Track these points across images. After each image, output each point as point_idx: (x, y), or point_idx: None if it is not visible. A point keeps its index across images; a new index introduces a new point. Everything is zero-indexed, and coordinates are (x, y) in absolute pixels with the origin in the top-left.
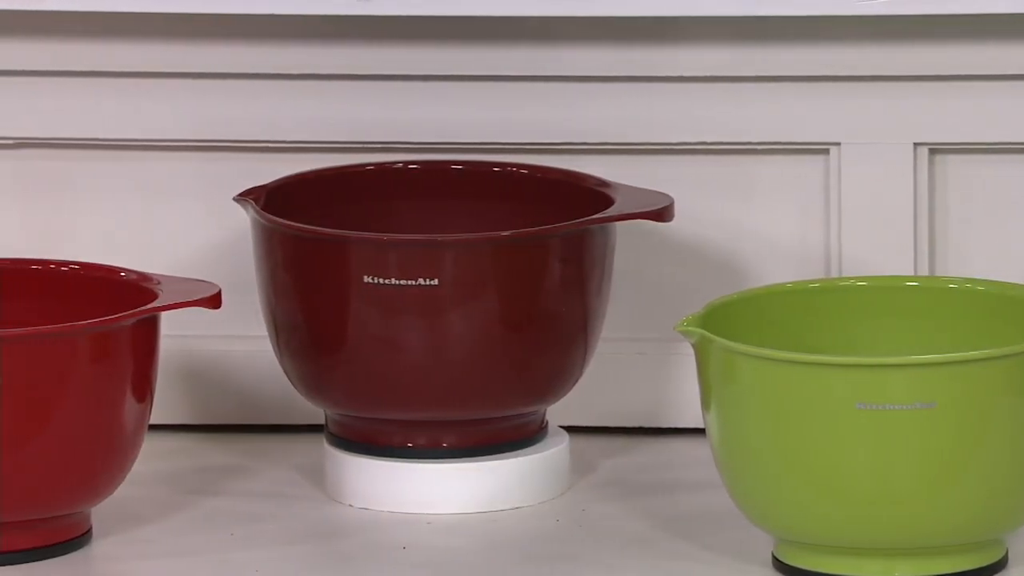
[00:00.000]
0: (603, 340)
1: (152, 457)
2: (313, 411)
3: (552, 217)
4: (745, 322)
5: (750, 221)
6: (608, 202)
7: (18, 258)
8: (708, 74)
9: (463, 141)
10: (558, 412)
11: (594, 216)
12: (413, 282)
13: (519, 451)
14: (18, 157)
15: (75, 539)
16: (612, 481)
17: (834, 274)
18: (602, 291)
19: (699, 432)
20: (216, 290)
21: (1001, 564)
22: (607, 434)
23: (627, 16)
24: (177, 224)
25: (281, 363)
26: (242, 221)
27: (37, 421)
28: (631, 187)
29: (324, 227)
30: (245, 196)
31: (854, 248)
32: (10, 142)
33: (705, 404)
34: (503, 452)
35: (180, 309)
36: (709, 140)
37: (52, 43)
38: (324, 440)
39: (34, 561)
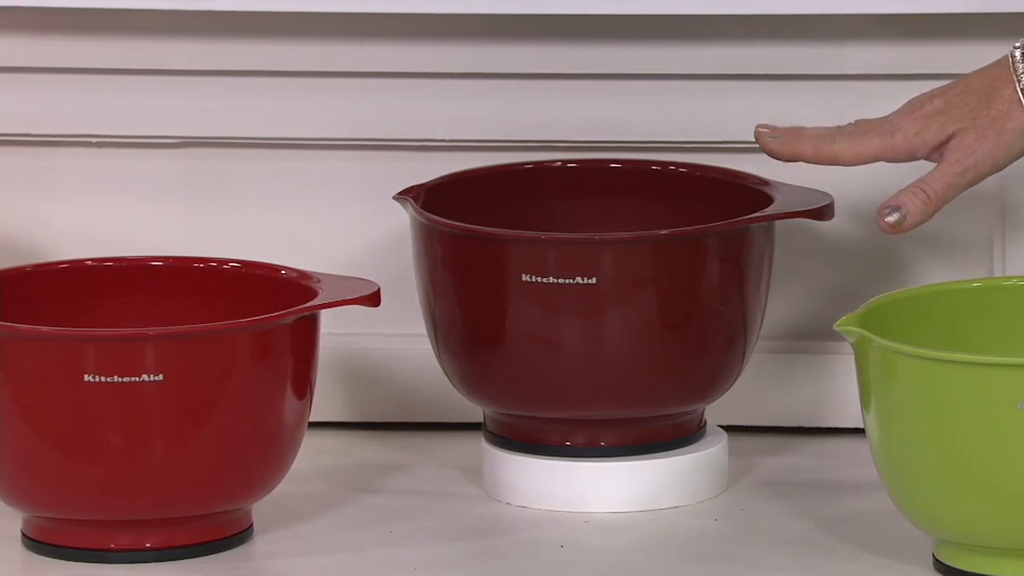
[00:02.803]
0: (762, 339)
1: (312, 454)
2: (472, 409)
3: (711, 216)
4: (905, 321)
5: None
6: (768, 201)
7: (181, 256)
8: (871, 72)
9: (622, 139)
10: (717, 411)
11: (754, 215)
12: (571, 281)
13: (677, 450)
14: (182, 156)
15: (236, 535)
16: (771, 481)
17: (997, 273)
18: (761, 290)
19: (859, 432)
20: (375, 288)
21: None
22: (766, 433)
23: (789, 14)
24: (337, 222)
25: (440, 361)
26: (402, 220)
27: (199, 418)
28: (791, 185)
29: (483, 226)
30: (405, 195)
31: (1018, 246)
32: (174, 141)
33: (864, 404)
34: (661, 451)
35: (340, 307)
36: None
37: (216, 43)
38: (483, 438)
39: (196, 557)
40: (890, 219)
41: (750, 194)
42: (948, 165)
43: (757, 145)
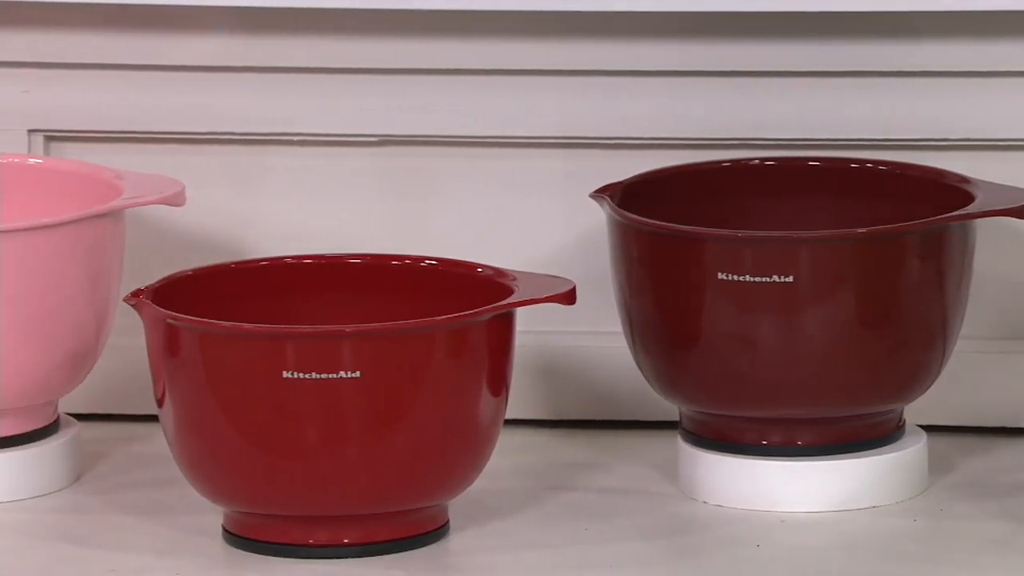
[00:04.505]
0: (963, 338)
1: (507, 452)
2: (668, 407)
3: (911, 214)
4: None
5: None
6: (969, 199)
7: (379, 253)
8: None
9: (821, 137)
10: (916, 411)
11: (954, 213)
12: (768, 279)
13: (875, 450)
14: (381, 154)
15: (433, 531)
16: (971, 481)
17: None
18: (961, 289)
19: None
20: (571, 286)
21: None
22: (966, 434)
23: (990, 11)
24: (534, 220)
25: (636, 359)
26: (599, 218)
27: (396, 415)
28: (993, 183)
29: (679, 224)
30: (601, 193)
31: None
32: (374, 139)
33: None
34: (859, 450)
35: (536, 305)
36: None
37: (415, 42)
38: (679, 436)
39: (394, 552)
40: None
41: (951, 192)
42: None
43: (958, 142)
